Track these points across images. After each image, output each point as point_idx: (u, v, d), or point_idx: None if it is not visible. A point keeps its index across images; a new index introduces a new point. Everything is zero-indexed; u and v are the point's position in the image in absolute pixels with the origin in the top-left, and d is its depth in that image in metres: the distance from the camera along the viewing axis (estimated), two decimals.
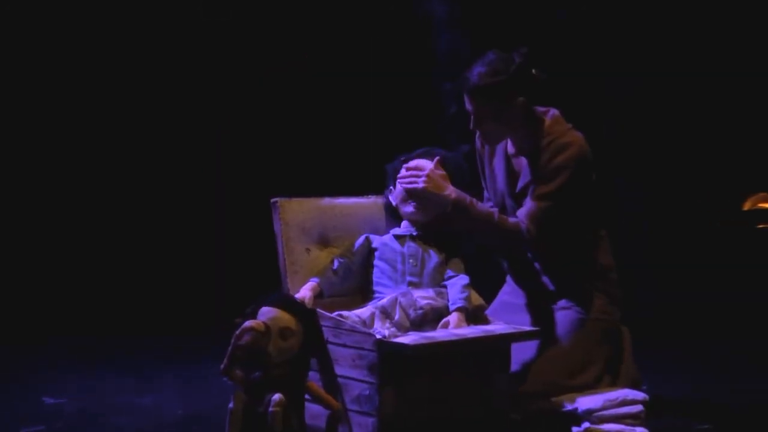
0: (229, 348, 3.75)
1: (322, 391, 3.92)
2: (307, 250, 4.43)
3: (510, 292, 4.65)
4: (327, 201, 4.57)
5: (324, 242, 4.52)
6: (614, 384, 4.44)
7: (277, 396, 3.69)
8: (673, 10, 8.07)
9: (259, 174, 8.39)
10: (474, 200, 4.29)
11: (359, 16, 8.35)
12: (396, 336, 4.06)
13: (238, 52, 8.40)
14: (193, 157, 8.48)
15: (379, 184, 4.81)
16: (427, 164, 4.34)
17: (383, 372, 3.90)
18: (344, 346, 4.11)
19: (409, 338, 3.99)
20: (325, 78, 8.41)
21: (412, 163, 4.44)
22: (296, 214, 4.45)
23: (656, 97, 8.15)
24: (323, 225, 4.53)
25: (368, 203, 4.69)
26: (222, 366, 3.74)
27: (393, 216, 4.65)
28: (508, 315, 4.41)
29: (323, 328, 4.11)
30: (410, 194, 4.37)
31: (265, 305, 3.84)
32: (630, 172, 8.07)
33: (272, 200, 4.46)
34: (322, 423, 4.03)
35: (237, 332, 3.76)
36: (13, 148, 8.20)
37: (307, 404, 4.03)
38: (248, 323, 3.71)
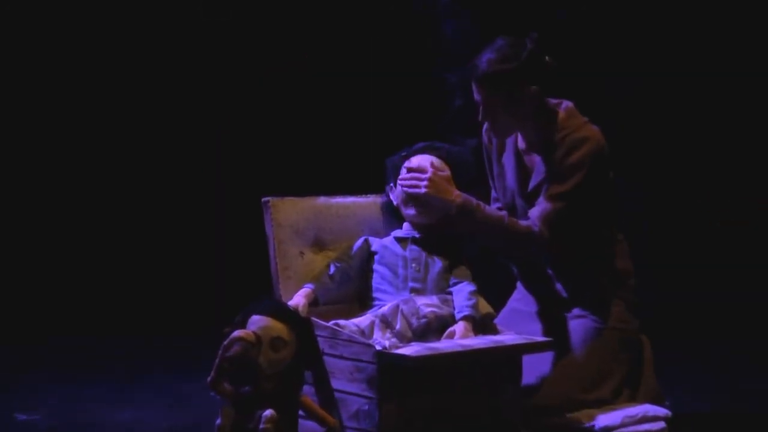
0: (217, 360, 3.32)
1: (316, 407, 3.48)
2: (301, 253, 3.87)
3: (520, 299, 4.12)
4: (323, 200, 4.03)
5: (319, 245, 3.98)
6: (634, 399, 3.93)
7: (268, 412, 3.27)
8: (673, 10, 7.87)
9: (259, 174, 8.20)
10: (481, 203, 3.82)
11: (359, 16, 8.20)
12: (397, 347, 3.55)
13: (238, 52, 8.24)
14: (193, 157, 8.29)
15: (379, 184, 4.29)
16: (428, 163, 3.87)
17: (383, 386, 3.41)
18: (341, 357, 3.58)
19: (411, 349, 3.49)
20: (325, 78, 8.25)
21: (414, 162, 3.94)
22: (289, 214, 3.90)
23: (656, 97, 7.94)
24: (318, 226, 3.98)
25: (367, 203, 4.15)
26: (209, 378, 3.35)
27: (393, 216, 4.11)
28: (518, 324, 3.88)
29: (318, 339, 3.59)
30: (412, 198, 3.88)
31: (256, 314, 3.41)
32: (630, 172, 7.78)
33: (263, 200, 3.93)
34: None
35: (225, 342, 3.33)
36: (12, 148, 8.02)
37: (300, 421, 3.56)
38: (237, 333, 3.29)
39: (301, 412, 3.49)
